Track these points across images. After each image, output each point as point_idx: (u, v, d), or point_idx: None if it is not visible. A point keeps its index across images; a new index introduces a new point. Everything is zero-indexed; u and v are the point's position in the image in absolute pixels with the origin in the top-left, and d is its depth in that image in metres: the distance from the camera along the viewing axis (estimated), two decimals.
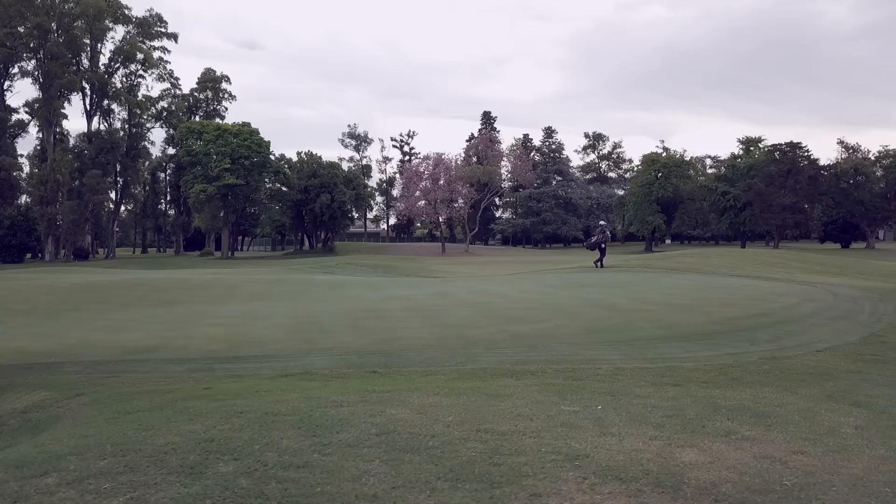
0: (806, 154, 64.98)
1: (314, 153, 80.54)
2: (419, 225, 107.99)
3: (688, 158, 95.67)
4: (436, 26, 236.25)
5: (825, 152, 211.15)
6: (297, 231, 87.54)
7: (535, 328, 10.35)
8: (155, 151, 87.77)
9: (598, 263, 27.19)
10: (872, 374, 7.86)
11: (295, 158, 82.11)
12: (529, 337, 9.69)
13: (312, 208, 74.82)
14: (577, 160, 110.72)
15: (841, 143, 73.13)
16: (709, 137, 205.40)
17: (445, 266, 47.30)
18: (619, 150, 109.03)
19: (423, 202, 79.46)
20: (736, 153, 78.33)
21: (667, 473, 4.42)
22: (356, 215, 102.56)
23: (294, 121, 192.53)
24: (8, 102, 74.15)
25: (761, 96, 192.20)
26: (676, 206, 75.41)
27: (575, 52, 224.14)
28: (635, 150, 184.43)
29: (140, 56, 74.73)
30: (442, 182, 78.11)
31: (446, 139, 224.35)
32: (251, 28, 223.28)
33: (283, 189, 78.45)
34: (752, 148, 76.07)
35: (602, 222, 32.51)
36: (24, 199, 74.97)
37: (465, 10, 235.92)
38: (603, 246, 28.81)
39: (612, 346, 9.13)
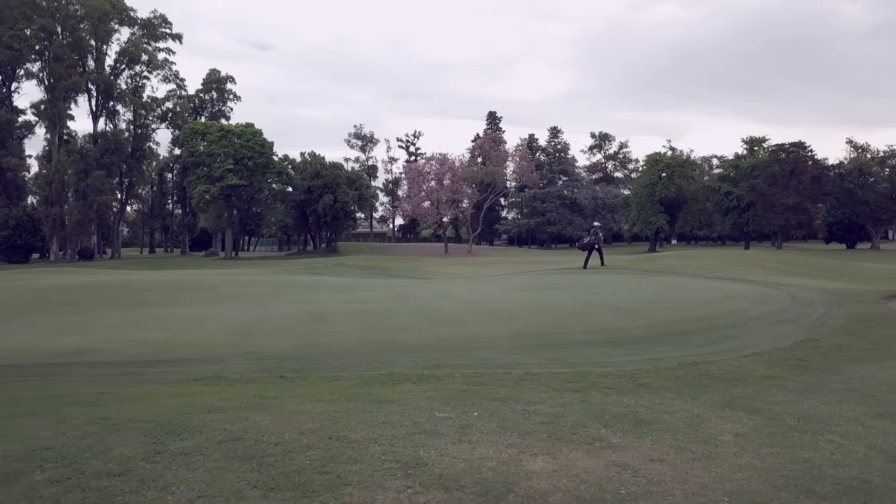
0: (809, 154, 64.46)
1: (317, 154, 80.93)
2: (424, 225, 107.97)
3: (695, 159, 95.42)
4: (445, 26, 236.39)
5: (836, 152, 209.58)
6: (301, 231, 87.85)
7: (468, 332, 10.34)
8: (162, 152, 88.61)
9: (600, 261, 27.20)
10: (787, 380, 7.78)
11: (299, 159, 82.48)
12: (457, 341, 9.67)
13: (315, 209, 75.09)
14: (583, 160, 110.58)
15: (850, 142, 72.54)
16: (719, 137, 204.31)
17: (441, 267, 47.30)
18: (625, 149, 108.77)
19: (427, 203, 79.54)
20: (740, 153, 77.81)
21: (500, 482, 4.40)
22: (362, 216, 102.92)
23: (303, 121, 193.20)
24: (15, 104, 75.05)
25: (773, 96, 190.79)
26: (680, 206, 75.05)
27: (584, 52, 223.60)
28: (645, 151, 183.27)
29: (145, 58, 75.29)
30: (447, 182, 78.17)
31: (455, 139, 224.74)
32: (261, 29, 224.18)
33: (287, 189, 78.89)
34: (755, 148, 75.58)
35: (595, 223, 32.34)
36: (31, 199, 75.69)
37: (474, 10, 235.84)
38: (597, 246, 28.73)
39: (536, 350, 9.10)
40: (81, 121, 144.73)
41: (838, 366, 8.44)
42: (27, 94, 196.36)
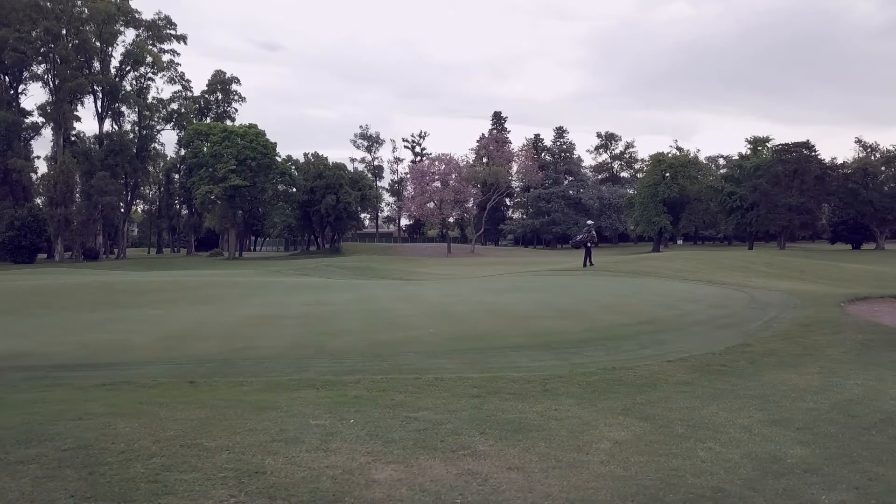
0: (813, 154, 63.93)
1: (320, 154, 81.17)
2: (429, 226, 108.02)
3: (702, 159, 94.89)
4: (455, 26, 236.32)
5: (849, 151, 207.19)
6: (305, 232, 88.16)
7: (405, 335, 10.33)
8: (170, 153, 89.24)
9: (589, 262, 27.18)
10: (698, 386, 7.72)
11: (302, 160, 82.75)
12: (389, 345, 9.67)
13: (318, 209, 75.30)
14: (589, 160, 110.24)
15: (858, 141, 71.86)
16: (731, 136, 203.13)
17: (437, 268, 47.27)
18: (631, 149, 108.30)
19: (431, 204, 79.54)
20: (744, 153, 77.28)
21: (334, 492, 4.40)
22: (367, 215, 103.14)
23: (313, 121, 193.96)
24: (22, 105, 75.78)
25: (785, 94, 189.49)
26: (683, 206, 74.65)
27: (595, 51, 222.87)
28: (654, 150, 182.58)
29: (149, 59, 75.80)
30: (452, 182, 78.15)
31: (464, 139, 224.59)
32: (271, 29, 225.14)
33: (291, 190, 79.19)
34: (759, 148, 75.04)
35: (589, 222, 32.38)
36: (39, 200, 76.35)
37: (485, 9, 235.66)
38: (589, 245, 28.78)
39: (463, 354, 9.08)
40: (88, 122, 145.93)
41: (759, 371, 8.36)
42: (34, 95, 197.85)
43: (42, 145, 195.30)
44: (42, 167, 78.85)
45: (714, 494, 4.79)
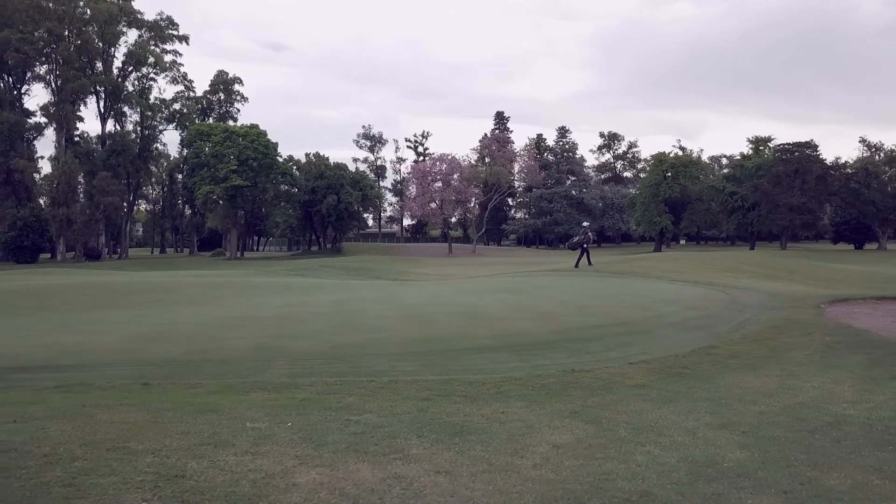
0: (815, 153, 63.63)
1: (322, 154, 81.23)
2: (431, 225, 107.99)
3: (705, 159, 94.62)
4: (461, 26, 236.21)
5: (854, 151, 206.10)
6: (306, 232, 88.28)
7: (371, 338, 10.32)
8: (173, 153, 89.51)
9: (587, 262, 27.22)
10: (654, 389, 7.69)
11: (304, 160, 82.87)
12: (353, 347, 9.67)
13: (319, 209, 75.37)
14: (592, 160, 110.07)
15: (863, 141, 71.50)
16: (737, 136, 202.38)
17: (433, 268, 47.24)
18: (634, 149, 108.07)
19: (434, 204, 79.51)
20: (745, 153, 76.99)
21: (251, 496, 4.39)
22: (370, 216, 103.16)
23: (319, 121, 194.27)
24: (26, 106, 76.04)
25: (791, 93, 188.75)
26: (685, 206, 74.42)
27: (600, 51, 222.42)
28: (659, 150, 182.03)
29: (151, 60, 75.99)
30: (455, 183, 78.13)
31: (469, 139, 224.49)
32: (277, 30, 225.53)
33: (292, 190, 79.29)
34: (761, 147, 74.73)
35: (585, 223, 32.36)
36: (43, 200, 76.60)
37: (491, 9, 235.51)
38: (585, 246, 28.80)
39: (425, 356, 9.06)
40: (91, 122, 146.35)
41: (719, 374, 8.32)
42: (37, 96, 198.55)
43: (46, 145, 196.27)
44: (46, 167, 79.26)
45: (640, 499, 4.77)
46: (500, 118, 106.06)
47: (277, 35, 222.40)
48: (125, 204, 78.26)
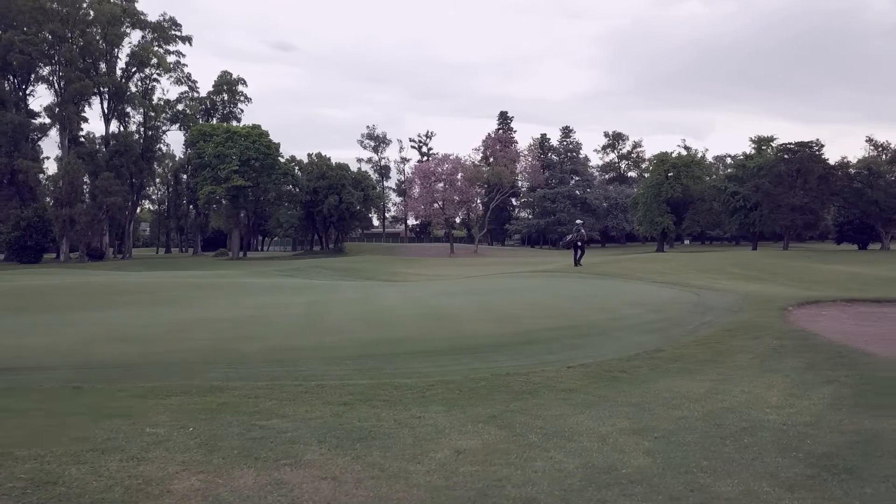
0: (817, 153, 63.19)
1: (323, 154, 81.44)
2: (434, 225, 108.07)
3: (710, 158, 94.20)
4: (468, 26, 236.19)
5: (860, 151, 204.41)
6: (309, 232, 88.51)
7: (325, 341, 10.30)
8: (178, 153, 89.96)
9: (578, 262, 27.23)
10: (582, 393, 7.65)
11: (306, 160, 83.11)
12: (300, 350, 9.66)
13: (321, 209, 75.56)
14: (596, 160, 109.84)
15: (869, 140, 70.92)
16: (745, 136, 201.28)
17: (430, 268, 47.24)
18: (639, 149, 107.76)
19: (437, 204, 79.52)
20: (748, 152, 76.59)
21: (122, 502, 4.40)
22: (373, 215, 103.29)
23: (326, 121, 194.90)
24: (31, 107, 76.52)
25: (800, 93, 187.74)
26: (687, 206, 74.12)
27: (608, 50, 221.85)
28: (666, 150, 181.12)
29: (154, 60, 76.36)
30: (459, 183, 78.14)
31: (476, 138, 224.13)
32: (285, 30, 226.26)
33: (294, 190, 79.51)
34: (764, 147, 74.31)
35: (578, 221, 32.38)
36: (49, 199, 77.06)
37: (498, 9, 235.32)
38: (579, 244, 28.85)
39: (365, 360, 9.04)
40: (95, 123, 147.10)
41: (654, 378, 8.27)
42: (41, 97, 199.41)
43: (52, 146, 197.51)
44: (52, 168, 79.68)
45: None
46: (504, 118, 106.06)
47: (285, 35, 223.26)
48: (129, 204, 78.60)
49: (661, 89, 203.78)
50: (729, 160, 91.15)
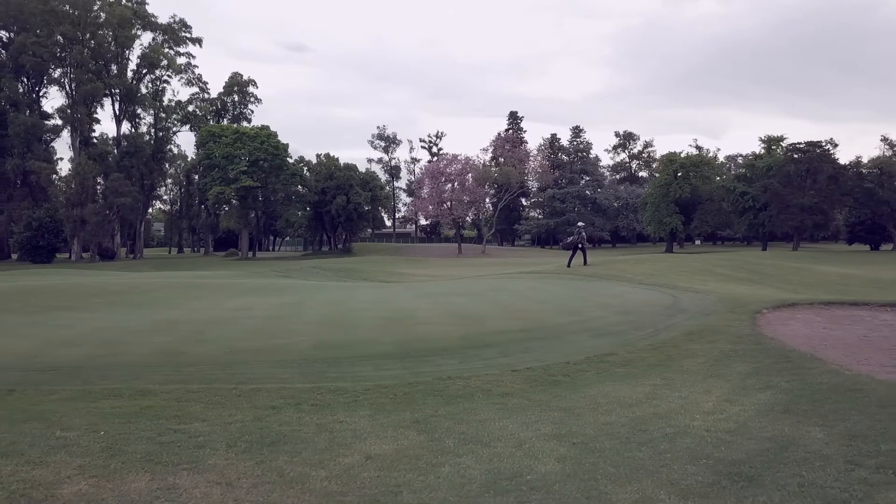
0: (827, 153, 62.53)
1: (332, 155, 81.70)
2: (444, 225, 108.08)
3: (721, 158, 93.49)
4: (481, 26, 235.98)
5: (874, 150, 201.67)
6: (317, 232, 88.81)
7: (274, 343, 10.34)
8: (190, 154, 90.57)
9: (570, 262, 27.19)
10: (517, 398, 7.60)
11: (315, 161, 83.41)
12: (249, 353, 9.69)
13: (329, 210, 75.80)
14: (607, 159, 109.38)
15: (884, 139, 70.07)
16: (760, 135, 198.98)
17: (430, 269, 47.21)
18: (650, 148, 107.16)
19: (446, 205, 79.46)
20: (758, 152, 75.93)
21: None
22: (385, 215, 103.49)
23: (340, 121, 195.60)
24: (44, 108, 77.35)
25: (817, 92, 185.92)
26: (695, 206, 73.58)
27: (621, 49, 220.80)
28: (679, 149, 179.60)
29: (164, 62, 76.98)
30: (468, 183, 78.06)
31: (487, 138, 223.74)
32: (298, 31, 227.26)
33: (303, 190, 79.83)
34: (773, 147, 73.62)
35: (580, 223, 32.32)
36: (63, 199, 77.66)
37: (511, 9, 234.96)
38: (580, 246, 28.81)
39: (311, 364, 9.03)
40: (107, 124, 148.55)
41: (595, 382, 8.21)
42: (54, 98, 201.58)
43: (66, 147, 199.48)
44: (66, 169, 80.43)
45: None
46: (514, 118, 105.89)
47: (298, 36, 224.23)
48: (139, 205, 79.23)
49: (676, 88, 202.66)
50: (740, 160, 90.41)
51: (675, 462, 5.59)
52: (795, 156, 62.86)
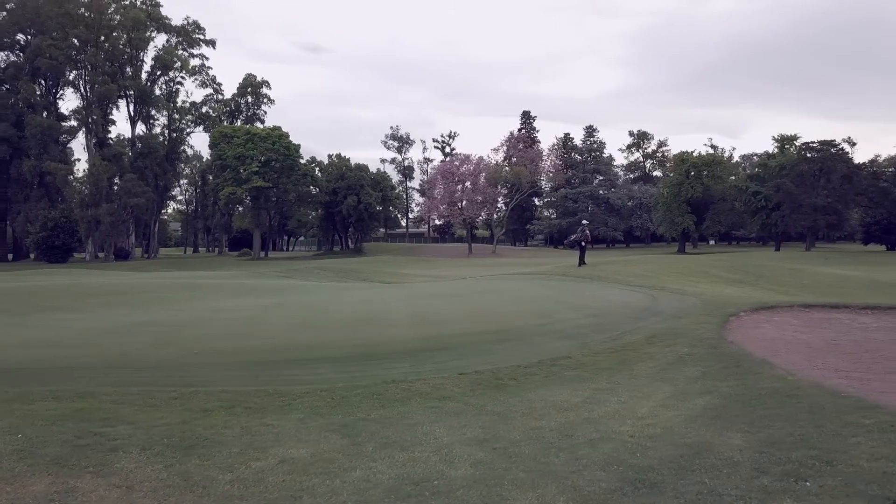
0: (841, 152, 61.76)
1: (343, 155, 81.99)
2: (456, 225, 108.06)
3: (737, 157, 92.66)
4: (497, 25, 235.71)
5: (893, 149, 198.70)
6: (329, 232, 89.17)
7: (237, 346, 10.42)
8: (205, 154, 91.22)
9: (582, 261, 27.27)
10: (455, 402, 7.60)
11: (326, 161, 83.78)
12: (209, 354, 9.77)
13: (340, 210, 76.11)
14: (621, 159, 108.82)
15: None
16: (778, 134, 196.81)
17: (436, 269, 47.20)
18: (664, 148, 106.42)
19: (458, 205, 79.46)
20: (771, 151, 75.16)
21: None
22: (398, 215, 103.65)
23: (356, 121, 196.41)
24: (61, 110, 78.39)
25: (838, 90, 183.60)
26: (708, 206, 72.96)
27: (639, 48, 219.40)
28: (696, 149, 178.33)
29: (178, 64, 77.71)
30: (482, 183, 78.04)
31: (500, 138, 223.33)
32: (314, 32, 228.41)
33: (315, 191, 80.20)
34: (786, 146, 72.84)
35: (584, 222, 32.32)
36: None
37: (527, 8, 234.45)
38: (583, 244, 28.89)
39: (261, 367, 9.08)
40: (122, 125, 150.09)
41: (538, 386, 8.18)
42: (70, 100, 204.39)
43: (82, 148, 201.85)
44: (82, 169, 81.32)
45: None
46: (527, 117, 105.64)
47: (314, 37, 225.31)
48: (153, 205, 79.97)
49: (693, 87, 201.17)
50: (755, 159, 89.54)
51: (587, 468, 5.55)
52: (808, 155, 62.14)
